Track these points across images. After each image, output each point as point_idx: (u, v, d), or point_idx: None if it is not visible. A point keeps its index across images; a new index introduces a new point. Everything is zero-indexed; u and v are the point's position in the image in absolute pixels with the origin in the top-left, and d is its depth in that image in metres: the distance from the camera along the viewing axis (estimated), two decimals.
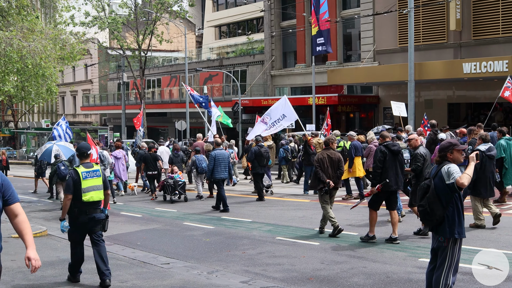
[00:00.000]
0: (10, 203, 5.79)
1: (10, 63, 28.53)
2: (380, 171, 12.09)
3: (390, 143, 12.39)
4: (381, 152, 12.20)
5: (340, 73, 35.64)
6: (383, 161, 12.15)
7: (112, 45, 59.96)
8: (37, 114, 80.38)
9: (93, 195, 9.44)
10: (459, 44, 31.60)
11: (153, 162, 22.03)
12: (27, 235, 6.07)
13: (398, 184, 12.29)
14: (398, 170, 12.27)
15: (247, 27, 57.83)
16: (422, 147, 12.85)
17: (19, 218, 6.07)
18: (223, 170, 18.06)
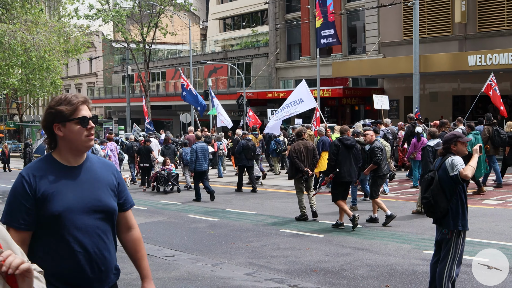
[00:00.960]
0: (125, 209, 3.93)
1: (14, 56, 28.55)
2: (333, 163, 12.90)
3: (344, 138, 13.20)
4: (335, 146, 13.08)
5: (345, 65, 35.58)
6: (336, 154, 12.95)
7: (116, 38, 59.93)
8: (42, 107, 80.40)
9: None
10: (464, 37, 31.50)
11: (146, 154, 22.67)
12: (143, 259, 4.28)
13: (351, 175, 13.04)
14: (352, 163, 13.06)
15: (252, 19, 57.74)
16: (377, 141, 13.63)
17: (133, 232, 4.10)
18: (204, 162, 18.68)
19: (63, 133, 3.51)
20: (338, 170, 12.80)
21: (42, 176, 3.49)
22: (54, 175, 3.52)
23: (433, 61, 29.82)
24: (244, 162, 20.57)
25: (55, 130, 3.52)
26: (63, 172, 3.55)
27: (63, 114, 3.49)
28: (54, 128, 3.51)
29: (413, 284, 8.54)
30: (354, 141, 13.39)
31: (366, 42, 37.28)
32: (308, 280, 9.11)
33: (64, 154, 3.58)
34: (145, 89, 47.22)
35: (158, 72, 58.46)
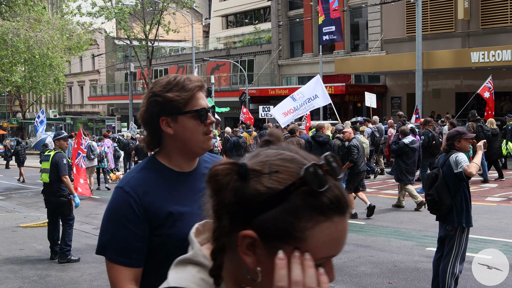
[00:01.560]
0: None
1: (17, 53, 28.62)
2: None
3: (317, 135, 13.79)
4: (308, 142, 13.81)
5: (347, 62, 35.54)
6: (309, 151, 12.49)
7: (119, 35, 59.91)
8: (45, 104, 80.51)
9: (43, 177, 10.74)
10: (467, 33, 31.45)
11: (142, 151, 22.49)
12: None
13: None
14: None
15: (254, 16, 57.71)
16: (355, 139, 13.81)
17: None
18: None
19: (173, 130, 2.55)
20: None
21: (151, 190, 2.54)
22: (167, 187, 2.59)
23: (436, 58, 29.78)
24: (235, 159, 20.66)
25: (161, 125, 2.54)
26: (176, 182, 2.62)
27: (174, 104, 2.52)
28: (160, 123, 2.54)
29: (416, 281, 8.54)
30: (327, 137, 13.82)
31: (368, 39, 37.23)
32: None
33: (174, 158, 2.63)
34: (148, 86, 47.20)
35: (161, 69, 58.46)
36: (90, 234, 13.44)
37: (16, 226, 14.32)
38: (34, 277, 9.30)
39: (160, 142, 2.62)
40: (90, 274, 9.44)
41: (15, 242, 12.40)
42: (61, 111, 74.60)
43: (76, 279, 9.12)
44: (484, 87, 22.77)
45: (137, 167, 2.66)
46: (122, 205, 2.50)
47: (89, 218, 15.99)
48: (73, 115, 70.85)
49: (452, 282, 7.13)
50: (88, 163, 20.44)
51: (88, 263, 10.24)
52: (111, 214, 2.54)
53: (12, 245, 12.01)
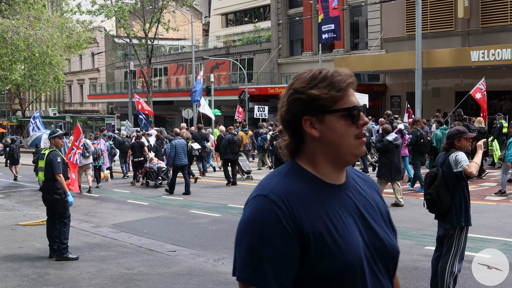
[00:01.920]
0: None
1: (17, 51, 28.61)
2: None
3: None
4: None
5: (347, 61, 35.51)
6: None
7: (118, 34, 59.86)
8: (45, 102, 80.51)
9: (39, 175, 11.01)
10: (467, 32, 31.43)
11: (139, 149, 23.26)
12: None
13: None
14: None
15: (254, 15, 57.67)
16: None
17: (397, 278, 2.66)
18: (184, 157, 19.71)
19: (319, 132, 2.16)
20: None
21: (301, 202, 2.10)
22: (319, 201, 2.14)
23: (435, 56, 29.76)
24: (229, 156, 21.43)
25: (305, 127, 2.15)
26: (330, 196, 2.18)
27: (321, 102, 2.15)
28: (304, 124, 2.15)
29: (415, 280, 8.54)
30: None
31: (368, 37, 37.21)
32: None
33: (319, 166, 2.20)
34: (147, 85, 47.23)
35: (160, 68, 58.44)
36: (89, 232, 13.45)
37: (15, 224, 14.32)
38: (33, 275, 9.30)
39: (303, 147, 2.21)
40: (89, 273, 9.44)
41: (14, 240, 12.39)
42: (61, 110, 74.57)
43: (75, 277, 9.12)
44: (476, 89, 23.02)
45: (278, 173, 2.21)
46: (267, 217, 2.05)
47: (88, 217, 16.00)
48: (73, 114, 70.87)
49: (451, 281, 7.13)
50: (84, 161, 20.72)
51: (87, 261, 10.24)
52: (253, 228, 2.07)
53: (11, 243, 12.01)
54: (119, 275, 9.22)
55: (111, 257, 10.66)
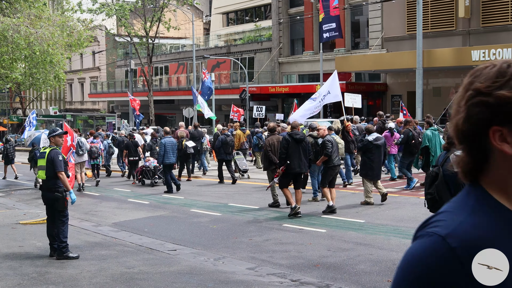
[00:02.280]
0: None
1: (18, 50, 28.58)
2: (284, 156, 13.88)
3: (293, 132, 14.11)
4: (285, 140, 14.01)
5: (348, 60, 35.53)
6: (287, 148, 13.92)
7: (119, 32, 59.83)
8: (45, 101, 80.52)
9: (40, 174, 10.96)
10: (468, 32, 31.42)
11: (134, 148, 23.65)
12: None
13: (301, 167, 14.06)
14: (301, 156, 14.01)
15: (255, 14, 57.66)
16: (329, 135, 14.90)
17: None
18: (172, 156, 20.09)
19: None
20: (289, 162, 13.83)
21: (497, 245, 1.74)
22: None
23: (436, 56, 29.76)
24: (223, 156, 21.87)
25: (493, 140, 1.58)
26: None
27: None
28: (491, 137, 1.58)
29: None
30: (303, 135, 14.38)
31: (369, 37, 37.20)
32: (310, 275, 9.12)
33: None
34: (148, 84, 47.23)
35: (161, 67, 58.45)
36: (90, 231, 13.45)
37: (16, 223, 14.32)
38: (34, 274, 9.30)
39: (486, 165, 1.66)
40: (89, 272, 9.44)
41: (14, 239, 12.39)
42: (62, 108, 74.58)
43: (76, 276, 9.12)
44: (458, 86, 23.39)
45: (463, 206, 1.69)
46: (440, 267, 1.61)
47: (89, 215, 16.00)
48: (74, 112, 70.89)
49: None
50: (78, 158, 21.00)
51: (88, 260, 10.24)
52: (416, 273, 1.59)
53: (12, 242, 12.01)
54: (120, 274, 9.22)
55: (112, 256, 10.66)
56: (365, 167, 15.04)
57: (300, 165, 14.03)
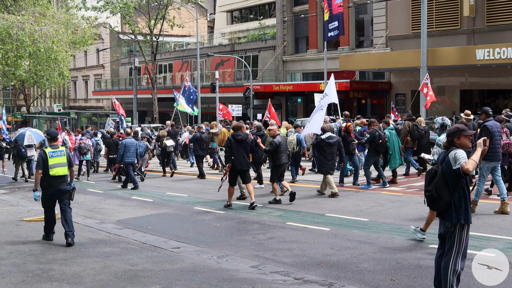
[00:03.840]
0: None
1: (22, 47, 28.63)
2: (229, 155, 15.50)
3: (236, 134, 15.68)
4: (229, 140, 15.66)
5: (352, 58, 35.50)
6: (230, 147, 15.53)
7: (123, 30, 59.93)
8: (49, 98, 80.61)
9: (58, 170, 11.61)
10: (473, 30, 31.37)
11: (114, 146, 24.79)
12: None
13: (243, 164, 15.58)
14: (243, 154, 15.57)
15: (259, 12, 57.64)
16: (279, 136, 16.33)
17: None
18: (132, 155, 21.39)
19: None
20: (233, 158, 15.41)
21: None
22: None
23: (441, 55, 29.72)
24: (198, 152, 23.57)
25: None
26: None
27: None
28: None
29: (419, 278, 8.54)
30: (245, 136, 15.79)
31: (373, 35, 37.16)
32: (313, 273, 9.12)
33: None
34: (152, 81, 47.24)
35: (165, 65, 58.46)
36: (93, 228, 13.48)
37: (20, 220, 14.36)
38: (37, 271, 9.32)
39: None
40: (93, 269, 9.46)
41: (18, 236, 12.43)
42: (66, 106, 74.67)
43: (79, 273, 9.14)
44: (423, 84, 25.05)
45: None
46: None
47: (93, 213, 16.03)
48: (78, 110, 70.96)
49: (454, 279, 7.13)
50: None
51: (91, 258, 10.26)
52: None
53: (16, 239, 12.04)
54: (124, 272, 9.24)
55: (116, 253, 10.68)
56: (321, 163, 16.90)
57: (242, 162, 15.55)
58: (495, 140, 13.23)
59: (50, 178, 11.59)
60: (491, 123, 13.41)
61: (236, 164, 15.45)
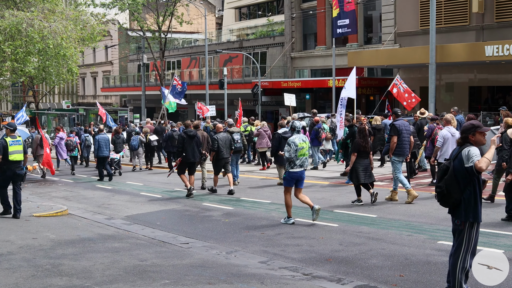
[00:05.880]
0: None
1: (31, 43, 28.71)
2: (181, 149, 17.53)
3: (188, 130, 17.67)
4: (181, 136, 17.74)
5: (360, 55, 35.42)
6: (182, 142, 17.49)
7: (132, 27, 59.96)
8: (58, 95, 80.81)
9: (16, 156, 13.97)
10: (482, 27, 31.24)
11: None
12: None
13: (194, 157, 17.69)
14: (195, 148, 17.64)
15: (267, 8, 57.58)
16: (222, 133, 18.41)
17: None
18: (105, 150, 23.05)
19: None
20: (184, 154, 17.40)
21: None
22: None
23: (449, 51, 29.60)
24: (170, 149, 25.19)
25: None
26: None
27: None
28: None
29: (427, 274, 8.54)
30: (195, 132, 17.80)
31: (382, 31, 37.07)
32: (322, 269, 9.14)
33: None
34: (161, 78, 47.31)
35: (174, 61, 58.50)
36: (103, 224, 13.54)
37: (30, 216, 14.43)
38: (47, 266, 9.38)
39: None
40: (102, 264, 9.50)
41: (28, 231, 12.49)
42: (74, 102, 74.83)
43: (89, 268, 9.19)
44: (393, 84, 25.05)
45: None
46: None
47: (102, 209, 16.10)
48: (86, 106, 71.09)
49: (462, 277, 7.11)
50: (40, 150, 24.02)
51: (101, 253, 10.31)
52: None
53: (26, 234, 12.11)
54: (133, 267, 9.28)
55: (125, 248, 10.73)
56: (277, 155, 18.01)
57: (194, 155, 17.65)
58: (403, 137, 14.93)
59: (9, 162, 13.85)
60: (399, 122, 15.09)
61: (188, 157, 17.47)
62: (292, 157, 12.42)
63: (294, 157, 12.42)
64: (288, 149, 12.50)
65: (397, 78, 25.29)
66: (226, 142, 18.28)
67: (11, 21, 27.38)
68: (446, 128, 15.23)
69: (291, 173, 12.56)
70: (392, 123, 15.25)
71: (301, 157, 12.53)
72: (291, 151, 12.40)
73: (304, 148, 12.60)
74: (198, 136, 18.02)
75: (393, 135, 14.93)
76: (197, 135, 17.88)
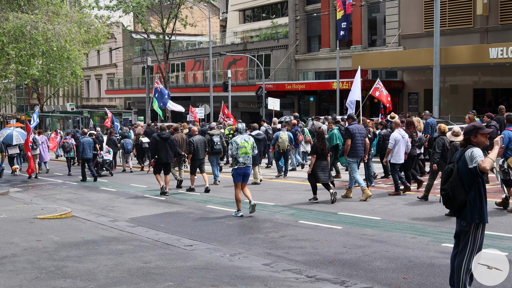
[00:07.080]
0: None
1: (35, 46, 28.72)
2: (154, 151, 18.77)
3: (161, 133, 18.71)
4: (154, 138, 18.78)
5: (364, 57, 35.42)
6: (156, 144, 18.57)
7: (136, 29, 60.05)
8: (62, 97, 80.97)
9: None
10: (486, 29, 31.22)
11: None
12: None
13: (167, 158, 18.70)
14: (168, 150, 18.64)
15: (272, 11, 57.63)
16: (196, 136, 19.13)
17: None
18: (89, 152, 23.80)
19: None
20: (157, 156, 18.54)
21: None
22: None
23: (454, 53, 29.59)
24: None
25: None
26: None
27: None
28: None
29: (431, 277, 8.52)
30: (168, 134, 18.89)
31: (386, 34, 37.07)
32: (326, 271, 9.13)
33: None
34: (165, 80, 47.34)
35: (178, 63, 58.56)
36: (107, 226, 13.54)
37: (34, 218, 14.44)
38: (51, 268, 9.38)
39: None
40: (106, 266, 9.50)
41: (32, 233, 12.50)
42: (78, 105, 74.96)
43: (93, 270, 9.19)
44: (374, 88, 25.07)
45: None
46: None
47: (106, 211, 16.11)
48: (90, 108, 71.23)
49: (467, 278, 7.10)
50: (33, 151, 25.71)
51: (104, 255, 10.31)
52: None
53: (30, 236, 12.12)
54: (136, 269, 9.28)
55: (128, 250, 10.73)
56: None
57: (167, 156, 18.65)
58: (356, 140, 16.02)
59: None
60: (353, 126, 16.28)
61: (162, 158, 18.51)
62: (234, 155, 13.97)
63: (236, 155, 13.93)
64: (230, 147, 14.17)
65: (378, 82, 25.41)
66: (201, 144, 19.14)
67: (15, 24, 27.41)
68: (397, 130, 16.33)
69: (237, 170, 14.12)
70: (346, 127, 16.54)
71: (243, 155, 14.08)
72: (233, 149, 14.01)
73: (246, 147, 14.15)
74: (172, 138, 18.98)
75: (347, 138, 16.07)
76: (170, 137, 18.85)
